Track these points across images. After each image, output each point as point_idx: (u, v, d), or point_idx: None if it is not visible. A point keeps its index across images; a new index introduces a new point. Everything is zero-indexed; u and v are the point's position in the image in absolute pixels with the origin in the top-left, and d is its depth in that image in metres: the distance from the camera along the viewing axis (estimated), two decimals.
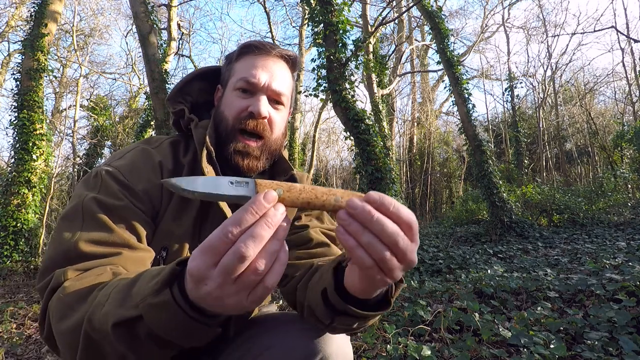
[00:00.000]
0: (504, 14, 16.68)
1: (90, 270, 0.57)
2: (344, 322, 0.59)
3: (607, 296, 2.43)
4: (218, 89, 0.87)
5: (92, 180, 0.69)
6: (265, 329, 0.77)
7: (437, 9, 8.20)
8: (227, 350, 0.78)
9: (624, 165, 12.05)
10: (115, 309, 0.47)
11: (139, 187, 0.70)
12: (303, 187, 0.43)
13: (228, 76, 0.82)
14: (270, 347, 0.70)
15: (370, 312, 0.55)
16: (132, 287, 0.48)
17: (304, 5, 6.55)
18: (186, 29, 15.34)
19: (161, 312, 0.43)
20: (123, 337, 0.46)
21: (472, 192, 12.09)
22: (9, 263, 5.78)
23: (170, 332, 0.45)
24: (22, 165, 6.29)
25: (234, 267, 0.38)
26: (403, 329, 2.20)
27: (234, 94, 0.78)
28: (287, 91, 0.82)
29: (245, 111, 0.77)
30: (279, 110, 0.81)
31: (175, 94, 0.86)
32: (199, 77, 0.89)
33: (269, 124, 0.79)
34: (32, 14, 6.94)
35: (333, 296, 0.56)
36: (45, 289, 0.58)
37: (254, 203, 0.39)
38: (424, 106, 17.73)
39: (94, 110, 13.86)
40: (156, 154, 0.77)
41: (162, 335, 0.45)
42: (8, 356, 2.42)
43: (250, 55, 0.80)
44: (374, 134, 5.34)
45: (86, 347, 0.50)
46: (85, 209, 0.64)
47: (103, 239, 0.61)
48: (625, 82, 15.67)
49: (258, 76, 0.77)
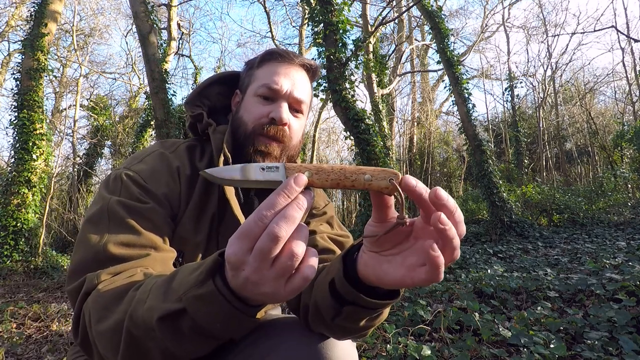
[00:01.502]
0: (504, 13, 16.69)
1: (122, 273, 0.58)
2: (350, 316, 0.56)
3: (607, 296, 2.43)
4: (236, 93, 0.87)
5: (112, 184, 0.70)
6: (266, 334, 0.75)
7: (437, 8, 8.20)
8: (229, 356, 0.78)
9: (624, 165, 12.05)
10: (158, 304, 0.47)
11: (159, 191, 0.71)
12: (332, 167, 0.45)
13: (248, 82, 0.82)
14: (272, 352, 0.69)
15: (381, 301, 0.53)
16: (171, 282, 0.49)
17: (304, 5, 6.55)
18: (186, 29, 15.33)
19: (205, 303, 0.44)
20: (168, 331, 0.47)
21: (472, 192, 12.10)
22: (9, 263, 5.78)
23: (214, 324, 0.45)
24: (22, 165, 6.30)
25: (269, 249, 0.39)
26: (403, 329, 2.20)
27: (255, 100, 0.79)
28: (307, 100, 0.83)
29: (266, 117, 0.77)
30: (299, 118, 0.82)
31: (194, 97, 0.86)
32: (218, 82, 0.89)
33: (288, 130, 0.79)
34: (32, 13, 6.94)
35: (342, 284, 0.55)
36: (76, 293, 0.58)
37: (286, 187, 0.41)
38: (424, 106, 17.72)
39: (94, 110, 13.86)
40: (174, 158, 0.77)
41: (206, 326, 0.46)
42: (8, 356, 2.42)
43: (273, 62, 0.80)
44: (374, 134, 5.34)
45: (128, 346, 0.50)
46: (111, 211, 0.65)
47: (131, 241, 0.62)
48: (626, 81, 15.67)
49: (280, 83, 0.77)
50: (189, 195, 0.75)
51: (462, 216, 0.44)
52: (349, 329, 0.61)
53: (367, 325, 0.61)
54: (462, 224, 0.44)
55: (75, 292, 0.58)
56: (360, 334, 0.65)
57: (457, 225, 0.43)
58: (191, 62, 15.03)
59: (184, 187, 0.75)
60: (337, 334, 0.66)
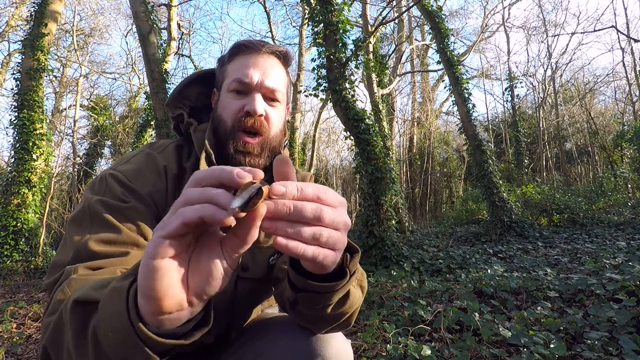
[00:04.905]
0: (504, 13, 16.69)
1: (101, 270, 0.58)
2: (307, 303, 0.57)
3: (607, 296, 2.43)
4: (214, 92, 0.86)
5: (98, 185, 0.70)
6: (261, 332, 0.76)
7: (437, 8, 8.20)
8: (223, 355, 0.78)
9: (624, 165, 12.05)
10: (86, 290, 0.45)
11: (144, 190, 0.71)
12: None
13: (222, 79, 0.82)
14: (267, 350, 0.70)
15: (327, 283, 0.52)
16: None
17: (304, 4, 6.55)
18: (186, 29, 15.33)
19: (112, 300, 0.39)
20: (76, 319, 0.44)
21: (472, 191, 12.09)
22: (9, 263, 5.78)
23: (107, 333, 0.39)
24: (22, 165, 6.30)
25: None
26: (403, 329, 2.20)
27: (229, 96, 0.79)
28: (282, 87, 0.81)
29: (242, 111, 0.77)
30: (275, 107, 0.81)
31: (174, 98, 0.86)
32: (196, 81, 0.89)
33: (266, 121, 0.79)
34: (32, 13, 6.94)
35: (291, 272, 0.55)
36: (53, 285, 0.58)
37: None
38: (424, 106, 17.72)
39: (94, 110, 13.87)
40: (161, 158, 0.77)
41: (101, 333, 0.40)
42: (8, 356, 2.42)
43: (240, 55, 0.80)
44: (374, 134, 5.33)
45: (53, 330, 0.47)
46: (92, 211, 0.65)
47: (112, 238, 0.62)
48: (626, 81, 15.67)
49: (250, 75, 0.77)
50: (176, 194, 0.75)
51: (310, 193, 0.40)
52: (313, 316, 0.61)
53: (340, 313, 0.60)
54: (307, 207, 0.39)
55: (52, 285, 0.58)
56: (338, 322, 0.63)
57: (296, 209, 0.39)
58: (191, 62, 15.01)
59: (171, 186, 0.75)
60: (312, 324, 0.66)
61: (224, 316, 0.76)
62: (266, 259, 0.79)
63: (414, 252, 5.19)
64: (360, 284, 0.65)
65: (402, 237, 6.48)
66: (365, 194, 5.28)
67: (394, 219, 5.50)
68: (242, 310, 0.83)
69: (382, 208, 5.10)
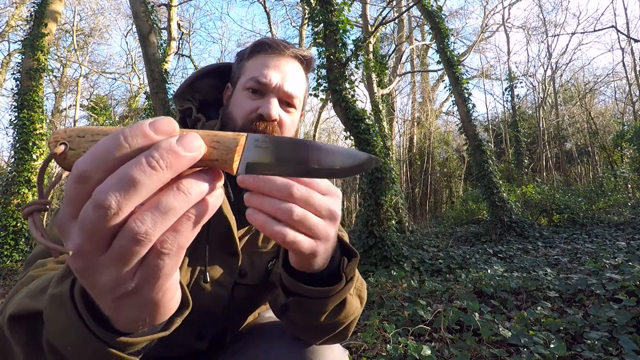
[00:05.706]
0: (504, 13, 16.71)
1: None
2: (298, 308, 0.54)
3: (607, 296, 2.43)
4: (227, 87, 0.82)
5: None
6: (256, 339, 0.74)
7: (437, 8, 8.20)
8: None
9: (624, 165, 12.06)
10: (22, 299, 0.40)
11: None
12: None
13: (238, 74, 0.78)
14: (258, 357, 0.68)
15: (320, 288, 0.50)
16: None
17: (304, 4, 6.55)
18: (186, 29, 15.34)
19: (56, 308, 0.35)
20: (20, 337, 0.38)
21: (472, 191, 12.09)
22: (9, 263, 5.79)
23: (65, 346, 0.34)
24: (22, 165, 6.31)
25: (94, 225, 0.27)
26: (403, 329, 2.20)
27: (244, 94, 0.74)
28: (300, 93, 0.77)
29: (255, 112, 0.72)
30: (290, 113, 0.77)
31: (184, 90, 0.81)
32: (210, 73, 0.84)
33: (279, 126, 0.74)
34: (32, 13, 6.94)
35: (283, 274, 0.52)
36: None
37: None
38: (424, 106, 17.72)
39: (94, 110, 13.87)
40: None
41: (58, 346, 0.35)
42: None
43: (262, 54, 0.75)
44: (374, 134, 5.34)
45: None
46: None
47: None
48: (626, 81, 15.68)
49: (269, 76, 0.72)
50: None
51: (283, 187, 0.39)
52: (312, 326, 0.58)
53: (335, 322, 0.58)
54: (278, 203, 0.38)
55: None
56: (333, 333, 0.61)
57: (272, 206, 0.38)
58: (191, 62, 15.03)
59: None
60: (305, 333, 0.63)
61: (220, 321, 0.74)
62: (265, 265, 0.77)
63: (414, 252, 5.19)
64: (359, 294, 0.62)
65: (402, 237, 6.47)
66: (365, 194, 5.28)
67: (394, 219, 5.50)
68: (237, 315, 0.81)
69: (382, 208, 5.11)
